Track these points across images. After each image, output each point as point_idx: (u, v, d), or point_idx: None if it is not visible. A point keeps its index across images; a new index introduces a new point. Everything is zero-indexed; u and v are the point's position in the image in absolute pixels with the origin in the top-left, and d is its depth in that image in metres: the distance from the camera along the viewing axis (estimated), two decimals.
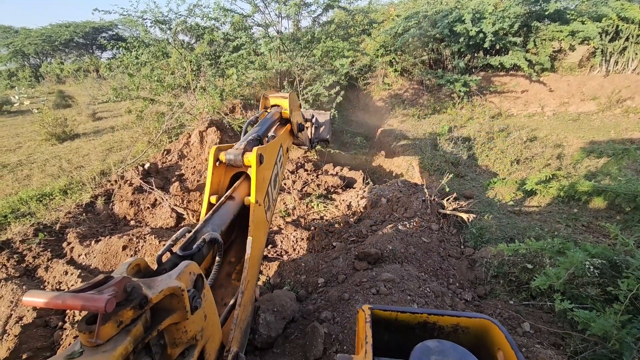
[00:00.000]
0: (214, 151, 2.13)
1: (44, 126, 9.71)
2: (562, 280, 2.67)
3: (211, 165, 2.14)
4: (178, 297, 1.28)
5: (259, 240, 2.21)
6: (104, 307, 0.98)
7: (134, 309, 1.12)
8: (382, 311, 1.20)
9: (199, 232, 1.77)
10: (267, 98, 3.16)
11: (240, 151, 2.12)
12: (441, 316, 1.21)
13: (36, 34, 26.52)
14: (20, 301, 3.86)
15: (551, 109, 10.31)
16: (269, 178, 2.40)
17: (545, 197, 5.73)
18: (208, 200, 2.14)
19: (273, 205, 2.63)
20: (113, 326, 1.07)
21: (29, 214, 5.80)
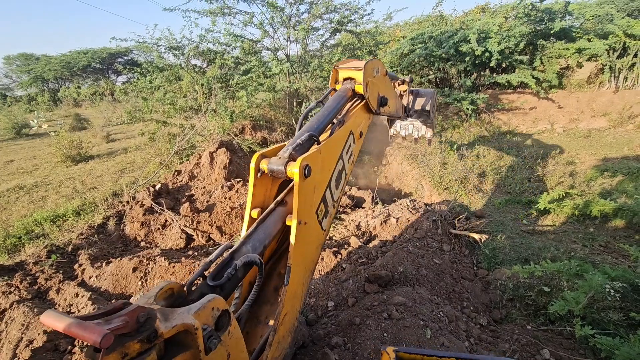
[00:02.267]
0: (255, 159, 1.82)
1: (60, 148, 10.01)
2: (581, 305, 2.57)
3: (253, 176, 1.84)
4: (191, 334, 1.21)
5: (303, 266, 1.95)
6: (99, 341, 0.94)
7: (141, 342, 1.08)
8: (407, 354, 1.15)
9: (237, 253, 1.62)
10: (337, 70, 2.59)
11: (283, 161, 1.78)
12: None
13: (56, 60, 27.80)
14: (31, 324, 3.88)
15: (561, 125, 10.23)
16: (324, 184, 2.06)
17: (559, 216, 5.60)
18: (249, 215, 1.87)
19: (334, 208, 2.27)
20: (117, 358, 1.03)
21: (43, 235, 5.90)
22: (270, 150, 1.88)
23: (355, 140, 2.45)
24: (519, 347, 3.09)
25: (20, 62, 29.81)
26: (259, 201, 1.94)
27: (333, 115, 2.27)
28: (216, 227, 5.71)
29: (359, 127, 2.51)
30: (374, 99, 2.69)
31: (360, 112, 2.52)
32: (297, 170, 1.70)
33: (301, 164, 1.71)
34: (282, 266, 2.04)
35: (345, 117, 2.36)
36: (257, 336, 1.88)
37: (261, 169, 1.84)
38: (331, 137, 2.09)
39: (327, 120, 2.20)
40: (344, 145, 2.26)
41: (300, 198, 1.75)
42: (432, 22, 13.00)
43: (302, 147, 1.89)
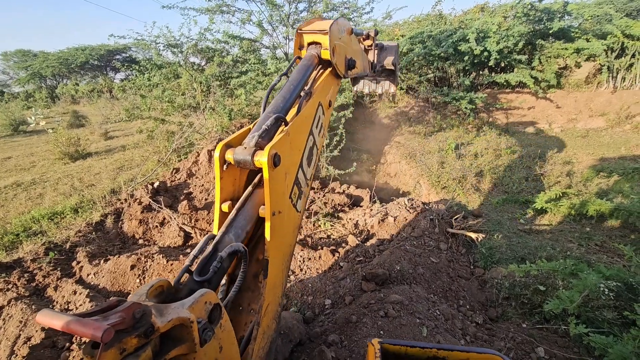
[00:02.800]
0: (220, 150, 1.67)
1: (58, 145, 9.99)
2: (575, 304, 2.60)
3: (218, 168, 1.72)
4: (187, 328, 1.24)
5: (281, 255, 1.90)
6: (100, 336, 0.96)
7: (138, 338, 1.10)
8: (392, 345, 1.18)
9: (220, 243, 1.60)
10: (301, 34, 2.30)
11: (250, 150, 1.66)
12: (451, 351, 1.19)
13: (53, 56, 27.67)
14: (29, 321, 3.88)
15: (559, 125, 10.27)
16: (296, 167, 1.94)
17: (556, 215, 5.63)
18: (220, 209, 1.77)
19: (308, 187, 2.15)
20: (115, 353, 1.05)
21: (41, 232, 5.90)
22: (234, 138, 1.74)
23: (325, 111, 2.31)
24: (514, 345, 3.12)
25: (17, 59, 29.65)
26: (229, 193, 1.82)
27: (300, 88, 2.07)
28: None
29: (327, 97, 2.35)
30: (342, 64, 2.47)
31: (328, 80, 2.33)
32: (266, 160, 1.60)
33: (269, 153, 1.60)
34: (259, 251, 1.95)
35: (313, 87, 2.18)
36: (240, 324, 1.86)
37: (227, 160, 1.71)
38: (299, 115, 1.95)
39: (293, 95, 2.02)
40: (314, 120, 2.12)
41: (272, 188, 1.67)
42: (431, 21, 13.01)
43: (269, 133, 1.74)
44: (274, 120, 1.77)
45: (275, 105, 1.93)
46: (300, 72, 2.14)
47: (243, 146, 1.69)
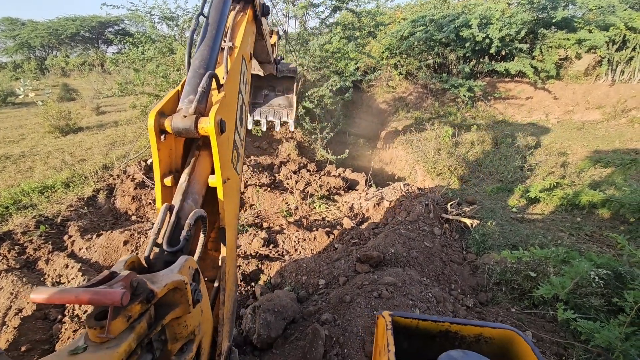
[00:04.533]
0: (154, 118, 1.50)
1: (48, 119, 9.70)
2: (567, 289, 2.65)
3: (155, 140, 1.55)
4: (181, 290, 1.29)
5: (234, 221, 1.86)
6: (120, 300, 0.99)
7: (141, 304, 1.13)
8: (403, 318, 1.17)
9: (182, 212, 1.54)
10: None
11: (191, 118, 1.52)
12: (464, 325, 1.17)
13: (43, 26, 26.57)
14: (20, 293, 3.85)
15: (555, 116, 10.28)
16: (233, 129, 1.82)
17: (548, 205, 5.70)
18: (161, 183, 1.63)
19: (242, 147, 2.05)
20: (122, 321, 1.08)
21: (31, 206, 5.79)
22: (166, 104, 1.58)
23: (247, 65, 2.13)
24: None
25: (4, 27, 28.42)
26: (167, 165, 1.68)
27: (222, 32, 1.86)
28: None
29: (248, 48, 2.16)
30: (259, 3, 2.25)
31: (248, 28, 2.13)
32: (213, 127, 1.49)
33: (215, 120, 1.50)
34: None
35: (233, 36, 2.00)
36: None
37: (164, 129, 1.56)
38: (229, 74, 1.80)
39: (218, 43, 1.81)
40: (240, 76, 1.97)
41: (220, 155, 1.59)
42: (434, 4, 12.75)
43: (205, 95, 1.59)
44: (208, 79, 1.61)
45: (203, 59, 1.73)
46: (218, 10, 1.90)
47: (181, 114, 1.54)
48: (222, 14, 1.89)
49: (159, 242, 1.47)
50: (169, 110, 1.58)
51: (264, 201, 5.73)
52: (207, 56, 1.73)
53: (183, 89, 1.67)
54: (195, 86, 1.61)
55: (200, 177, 1.68)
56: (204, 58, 1.72)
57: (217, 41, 1.81)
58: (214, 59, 1.75)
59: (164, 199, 1.65)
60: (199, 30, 1.85)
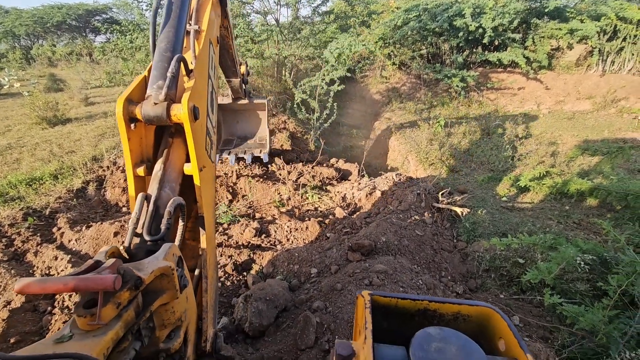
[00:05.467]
0: (122, 106, 1.44)
1: (35, 110, 9.48)
2: (553, 274, 2.70)
3: (124, 128, 1.48)
4: (168, 276, 1.30)
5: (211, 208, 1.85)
6: (112, 284, 1.00)
7: (129, 290, 1.13)
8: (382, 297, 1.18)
9: (160, 200, 1.52)
10: None
11: (162, 105, 1.46)
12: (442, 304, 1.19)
13: (27, 14, 25.79)
14: (9, 285, 3.81)
15: (547, 106, 10.35)
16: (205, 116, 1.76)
17: (538, 193, 5.78)
18: (134, 174, 1.59)
19: (215, 134, 2.01)
20: (112, 307, 1.08)
21: (18, 198, 5.69)
22: (134, 91, 1.51)
23: (215, 49, 2.05)
24: None
25: None
26: (138, 154, 1.62)
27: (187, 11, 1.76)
28: None
29: (214, 31, 2.08)
30: None
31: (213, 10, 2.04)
32: (187, 113, 1.45)
33: (189, 107, 1.46)
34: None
35: (198, 19, 1.91)
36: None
37: (133, 117, 1.49)
38: (198, 59, 1.74)
39: (184, 27, 1.72)
40: (209, 61, 1.91)
41: (195, 142, 1.55)
42: None
43: (175, 80, 1.51)
44: (177, 64, 1.52)
45: (168, 40, 1.64)
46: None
47: (151, 101, 1.48)
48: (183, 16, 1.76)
49: (139, 231, 1.45)
50: (137, 97, 1.52)
51: (257, 192, 5.71)
52: (173, 38, 1.64)
53: (150, 74, 1.59)
54: (164, 71, 1.53)
55: (175, 166, 1.63)
56: (170, 40, 1.63)
57: (182, 22, 1.71)
58: (180, 42, 1.67)
59: (136, 189, 1.61)
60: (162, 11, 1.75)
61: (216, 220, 5.05)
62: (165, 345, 1.40)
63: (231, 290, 3.62)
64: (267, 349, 2.80)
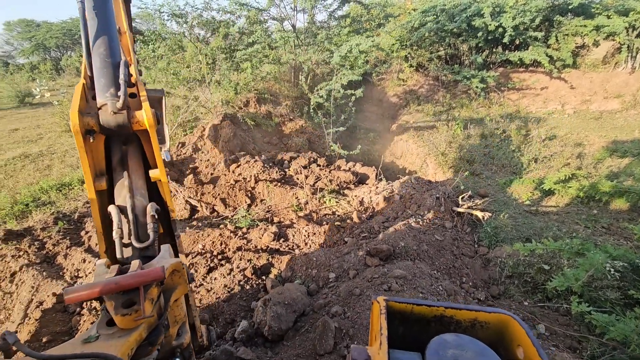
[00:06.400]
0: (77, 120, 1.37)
1: (64, 118, 9.96)
2: (580, 282, 2.60)
3: (81, 142, 1.41)
4: (179, 272, 1.40)
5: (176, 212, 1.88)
6: (163, 274, 1.13)
7: (157, 286, 1.23)
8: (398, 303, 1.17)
9: (137, 208, 1.53)
10: None
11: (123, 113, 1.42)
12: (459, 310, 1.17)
13: (57, 27, 27.16)
14: (41, 286, 4.00)
15: (572, 106, 9.98)
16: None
17: (563, 197, 5.57)
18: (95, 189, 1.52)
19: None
20: (149, 302, 1.18)
21: (49, 202, 5.98)
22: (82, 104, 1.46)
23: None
24: None
25: (21, 29, 29.14)
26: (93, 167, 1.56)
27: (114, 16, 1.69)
28: (220, 199, 5.75)
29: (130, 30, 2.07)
30: None
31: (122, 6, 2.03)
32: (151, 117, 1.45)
33: (152, 112, 1.46)
34: None
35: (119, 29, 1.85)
36: None
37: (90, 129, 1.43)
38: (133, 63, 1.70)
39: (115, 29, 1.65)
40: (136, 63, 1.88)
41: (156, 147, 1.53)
42: None
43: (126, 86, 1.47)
44: (125, 69, 1.49)
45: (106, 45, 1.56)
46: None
47: (108, 110, 1.42)
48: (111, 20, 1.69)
49: (126, 242, 1.48)
50: (85, 109, 1.47)
51: (275, 196, 5.77)
52: (110, 43, 1.58)
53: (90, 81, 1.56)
54: (111, 77, 1.48)
55: (137, 173, 1.62)
56: (108, 45, 1.56)
57: (113, 25, 1.65)
58: (117, 46, 1.61)
59: (99, 202, 1.56)
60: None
61: (235, 224, 5.14)
62: (178, 341, 1.51)
63: (250, 294, 3.67)
64: (286, 353, 2.82)
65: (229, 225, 4.99)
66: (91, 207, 1.55)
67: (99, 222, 1.56)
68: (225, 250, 4.41)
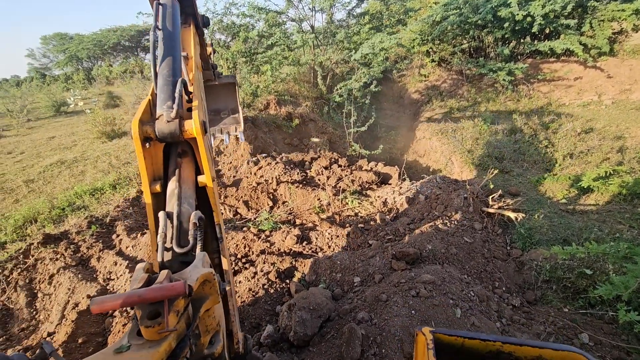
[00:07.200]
0: (137, 128, 1.55)
1: (96, 125, 10.42)
2: (630, 290, 2.39)
3: (140, 148, 1.60)
4: (210, 282, 1.38)
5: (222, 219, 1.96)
6: (185, 290, 1.11)
7: (184, 298, 1.20)
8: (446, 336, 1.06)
9: (182, 216, 1.60)
10: None
11: (175, 121, 1.59)
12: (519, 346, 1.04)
13: (88, 39, 28.58)
14: (77, 288, 4.17)
15: (610, 97, 9.36)
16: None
17: (604, 194, 5.21)
18: (150, 190, 1.67)
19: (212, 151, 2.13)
20: (174, 315, 1.15)
21: (83, 207, 6.25)
22: (144, 114, 1.63)
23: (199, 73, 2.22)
24: (554, 329, 2.96)
25: (56, 42, 30.91)
26: (151, 173, 1.71)
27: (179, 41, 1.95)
28: (243, 202, 5.80)
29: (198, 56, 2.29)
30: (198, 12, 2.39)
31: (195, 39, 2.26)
32: (199, 126, 1.59)
33: (200, 120, 1.60)
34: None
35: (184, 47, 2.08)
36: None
37: (147, 136, 1.61)
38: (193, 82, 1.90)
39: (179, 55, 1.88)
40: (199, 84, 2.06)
41: (207, 155, 1.67)
42: None
43: (181, 100, 1.66)
44: (182, 85, 1.67)
45: (169, 67, 1.80)
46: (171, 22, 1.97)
47: (164, 119, 1.59)
48: (176, 26, 1.98)
49: (168, 246, 1.53)
50: (146, 119, 1.64)
51: (296, 198, 5.75)
52: (173, 65, 1.80)
53: (155, 97, 1.72)
54: (169, 93, 1.67)
55: (188, 182, 1.73)
56: (171, 67, 1.79)
57: (178, 51, 1.88)
58: (179, 68, 1.83)
59: (155, 205, 1.69)
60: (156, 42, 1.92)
61: (258, 226, 5.16)
62: (210, 350, 1.48)
63: (275, 298, 3.65)
64: (312, 359, 2.77)
65: (252, 228, 5.02)
66: (147, 209, 1.68)
67: (153, 223, 1.67)
68: (249, 253, 4.43)
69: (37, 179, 7.65)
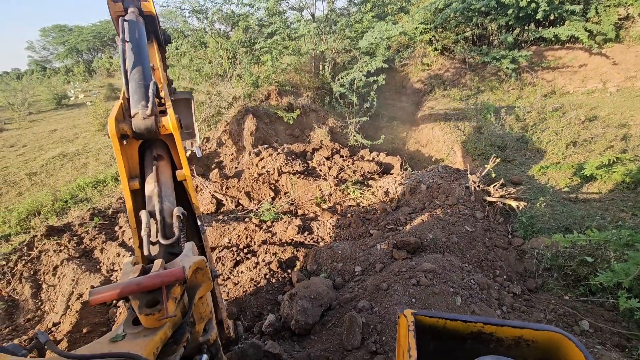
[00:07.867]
0: (114, 126, 1.59)
1: (97, 118, 10.40)
2: (631, 277, 2.38)
3: (118, 145, 1.64)
4: (202, 269, 1.42)
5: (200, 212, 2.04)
6: (183, 275, 1.14)
7: (180, 285, 1.24)
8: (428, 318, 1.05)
9: (165, 212, 1.64)
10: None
11: (151, 118, 1.65)
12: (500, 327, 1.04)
13: (87, 30, 28.35)
14: (80, 279, 4.22)
15: (615, 84, 9.22)
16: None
17: (607, 182, 5.17)
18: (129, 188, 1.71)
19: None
20: (172, 302, 1.18)
21: (86, 199, 6.28)
22: (118, 113, 1.69)
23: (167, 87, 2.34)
24: (555, 317, 2.97)
25: (55, 34, 30.68)
26: (128, 170, 1.75)
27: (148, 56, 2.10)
28: (244, 193, 5.81)
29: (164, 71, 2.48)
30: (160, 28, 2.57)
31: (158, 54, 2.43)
32: (175, 122, 1.66)
33: (176, 116, 1.67)
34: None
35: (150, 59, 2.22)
36: None
37: (124, 133, 1.66)
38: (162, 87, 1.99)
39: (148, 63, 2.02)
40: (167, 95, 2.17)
41: (181, 149, 1.73)
42: None
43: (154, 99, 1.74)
44: (154, 87, 1.77)
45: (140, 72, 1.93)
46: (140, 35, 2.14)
47: (139, 117, 1.66)
48: (142, 37, 2.15)
49: (154, 240, 1.57)
50: (121, 119, 1.71)
51: (298, 188, 5.75)
52: (144, 72, 1.94)
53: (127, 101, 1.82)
54: (142, 94, 1.78)
55: (166, 180, 1.79)
56: (141, 73, 1.92)
57: (146, 59, 2.04)
58: (149, 74, 1.96)
59: (133, 202, 1.73)
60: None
61: (260, 217, 5.18)
62: (204, 338, 1.53)
63: (276, 288, 3.68)
64: (313, 347, 2.81)
65: (253, 219, 5.03)
66: (126, 205, 1.75)
67: (133, 219, 1.72)
68: (251, 243, 4.45)
69: (39, 172, 7.68)
